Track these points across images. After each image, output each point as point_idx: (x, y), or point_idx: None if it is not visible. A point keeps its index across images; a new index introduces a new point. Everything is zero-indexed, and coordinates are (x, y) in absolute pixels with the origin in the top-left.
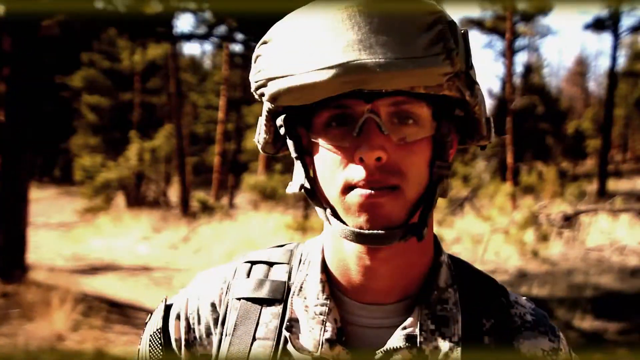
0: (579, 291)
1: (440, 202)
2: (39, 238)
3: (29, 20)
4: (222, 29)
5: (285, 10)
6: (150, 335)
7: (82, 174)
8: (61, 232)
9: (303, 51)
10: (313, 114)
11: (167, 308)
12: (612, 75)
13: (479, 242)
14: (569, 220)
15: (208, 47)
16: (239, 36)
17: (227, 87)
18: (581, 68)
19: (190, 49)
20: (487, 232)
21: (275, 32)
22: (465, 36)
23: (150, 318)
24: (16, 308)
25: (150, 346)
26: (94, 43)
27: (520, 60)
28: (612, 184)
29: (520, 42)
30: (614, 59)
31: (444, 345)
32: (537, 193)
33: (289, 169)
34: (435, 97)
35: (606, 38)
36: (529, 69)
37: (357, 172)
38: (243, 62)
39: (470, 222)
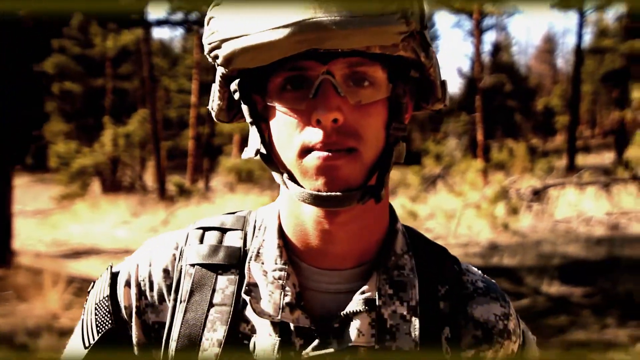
0: (547, 260)
1: (414, 179)
2: (17, 225)
3: (8, 13)
4: (195, 14)
5: None
6: (96, 304)
7: (57, 160)
8: (38, 219)
9: (258, 11)
10: (267, 79)
11: (114, 275)
12: (579, 52)
13: (451, 217)
14: (538, 194)
15: (178, 31)
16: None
17: (199, 71)
18: (549, 45)
19: (160, 33)
20: (459, 207)
21: None
22: None
23: (93, 286)
24: (8, 290)
25: (97, 315)
26: (64, 29)
27: (489, 39)
28: (581, 159)
29: (488, 21)
30: (579, 36)
31: (402, 309)
32: (508, 169)
33: None
34: (390, 58)
35: (573, 16)
36: (497, 48)
37: (314, 135)
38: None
39: (443, 198)
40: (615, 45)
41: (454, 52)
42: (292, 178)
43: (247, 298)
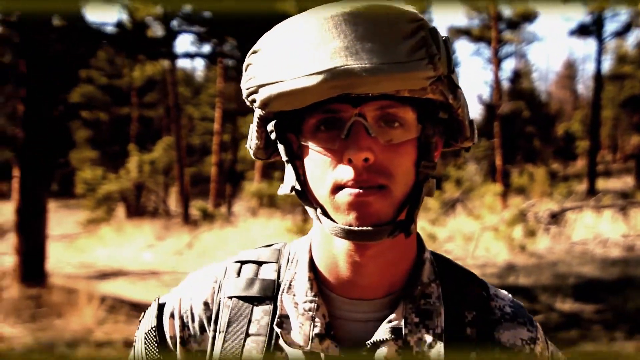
0: (562, 280)
1: (434, 203)
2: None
3: (40, 39)
4: (221, 47)
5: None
6: (145, 334)
7: (83, 186)
8: (65, 243)
9: (292, 58)
10: (302, 120)
11: (160, 307)
12: (598, 78)
13: (470, 240)
14: (556, 217)
15: (201, 61)
16: (237, 53)
17: (222, 100)
18: (570, 71)
19: (182, 62)
20: (477, 230)
21: (265, 41)
22: (446, 42)
23: (143, 316)
24: (44, 307)
25: (145, 344)
26: (91, 60)
27: (510, 66)
28: (602, 183)
29: (507, 49)
30: (599, 62)
31: (428, 337)
32: (527, 193)
33: None
34: (419, 100)
35: (592, 42)
36: (517, 75)
37: (345, 173)
38: (237, 75)
39: (462, 221)
40: (635, 71)
41: (474, 80)
42: (325, 213)
43: (278, 330)
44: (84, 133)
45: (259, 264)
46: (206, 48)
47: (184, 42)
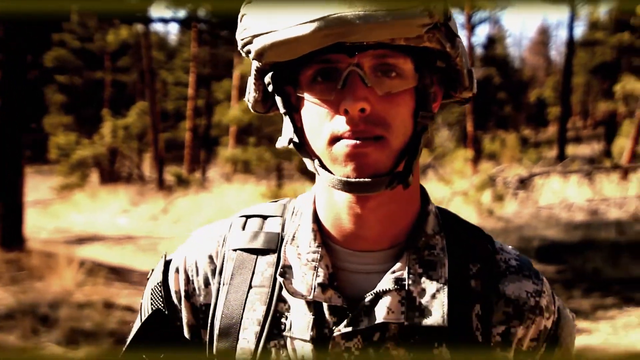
0: (527, 242)
1: None
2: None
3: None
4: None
5: None
6: (152, 289)
7: (57, 152)
8: (39, 209)
9: (286, 8)
10: (299, 71)
11: (167, 263)
12: (570, 45)
13: (440, 204)
14: (524, 182)
15: (175, 25)
16: (214, 19)
17: (196, 64)
18: (543, 38)
19: (156, 26)
20: (448, 195)
21: None
22: None
23: (151, 274)
24: (24, 271)
25: (152, 298)
26: (63, 23)
27: (483, 32)
28: (572, 149)
29: (481, 14)
30: (571, 29)
31: (431, 287)
32: (498, 159)
33: (261, 142)
34: (416, 49)
35: (565, 9)
36: (491, 41)
37: (342, 124)
38: (211, 39)
39: (433, 186)
40: (606, 38)
41: None
42: (323, 165)
43: (280, 279)
44: (56, 98)
45: (264, 217)
46: (181, 13)
47: (159, 7)
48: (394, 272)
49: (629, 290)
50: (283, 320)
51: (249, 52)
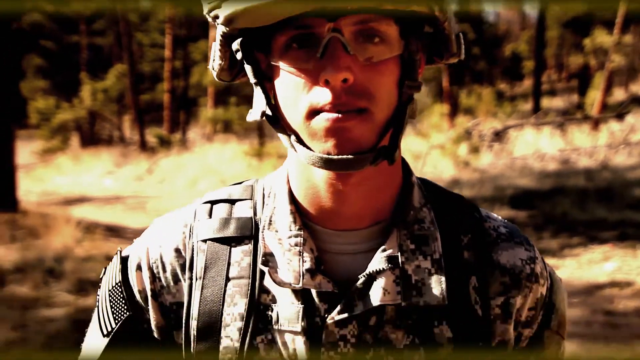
0: (501, 191)
1: None
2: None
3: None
4: None
5: None
6: (110, 291)
7: (37, 116)
8: (22, 173)
9: None
10: (272, 36)
11: (124, 260)
12: None
13: (418, 158)
14: (499, 135)
15: None
16: None
17: (172, 26)
18: None
19: None
20: (425, 149)
21: None
22: None
23: (104, 272)
24: (21, 230)
25: (111, 302)
26: None
27: None
28: (547, 102)
29: None
30: None
31: (425, 262)
32: (475, 113)
33: (243, 102)
34: (402, 13)
35: None
36: None
37: (322, 96)
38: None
39: (410, 141)
40: None
41: None
42: (300, 140)
43: (265, 269)
44: (33, 62)
45: (232, 202)
46: None
47: None
48: (384, 250)
49: (593, 230)
50: (269, 312)
51: (216, 17)
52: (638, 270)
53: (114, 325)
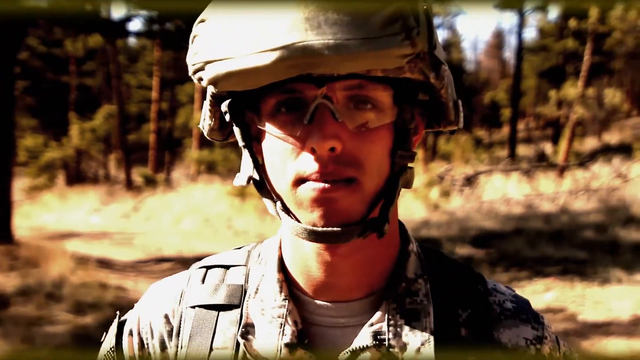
0: (465, 232)
1: None
2: None
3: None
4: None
5: None
6: (105, 355)
7: (25, 154)
8: None
9: (244, 31)
10: (261, 98)
11: (121, 325)
12: (519, 51)
13: None
14: (470, 180)
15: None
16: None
17: (160, 68)
18: (498, 41)
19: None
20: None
21: (214, 9)
22: (427, 13)
23: (104, 337)
24: (19, 260)
25: None
26: (29, 29)
27: (439, 37)
28: (522, 149)
29: (435, 21)
30: (519, 35)
31: (415, 340)
32: (450, 159)
33: (228, 144)
34: (396, 79)
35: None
36: (447, 45)
37: (309, 164)
38: (175, 43)
39: None
40: (552, 44)
41: None
42: (286, 209)
43: (241, 341)
44: (22, 101)
45: (227, 267)
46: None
47: (118, 9)
48: (372, 324)
49: (539, 265)
50: None
51: (200, 79)
52: (572, 299)
53: None
